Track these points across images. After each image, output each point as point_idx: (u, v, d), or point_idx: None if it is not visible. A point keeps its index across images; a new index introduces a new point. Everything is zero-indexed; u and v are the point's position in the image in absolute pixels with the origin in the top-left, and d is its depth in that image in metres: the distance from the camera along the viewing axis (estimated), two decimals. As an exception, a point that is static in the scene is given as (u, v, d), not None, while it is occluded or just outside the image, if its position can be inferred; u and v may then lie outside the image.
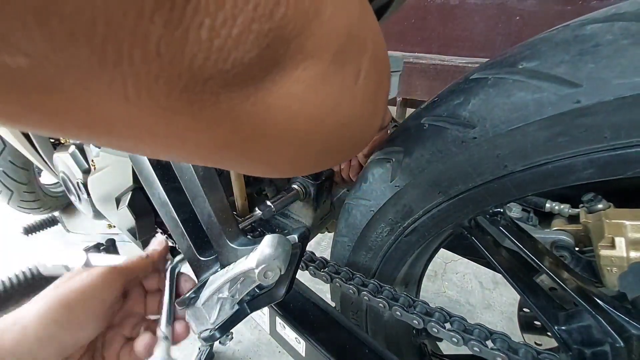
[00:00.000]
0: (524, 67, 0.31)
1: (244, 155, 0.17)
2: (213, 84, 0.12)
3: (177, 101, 0.12)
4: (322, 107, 0.17)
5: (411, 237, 0.48)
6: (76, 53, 0.10)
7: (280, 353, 1.06)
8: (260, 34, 0.12)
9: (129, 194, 0.63)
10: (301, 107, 0.16)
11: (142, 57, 0.11)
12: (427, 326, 0.44)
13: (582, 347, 0.40)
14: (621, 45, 0.27)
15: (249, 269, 0.33)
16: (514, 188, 0.36)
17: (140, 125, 0.13)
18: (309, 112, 0.16)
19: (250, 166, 0.19)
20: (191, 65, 0.11)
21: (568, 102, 0.29)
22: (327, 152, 0.21)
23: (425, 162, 0.40)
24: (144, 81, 0.11)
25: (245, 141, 0.16)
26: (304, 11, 0.13)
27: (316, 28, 0.13)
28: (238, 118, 0.14)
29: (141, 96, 0.12)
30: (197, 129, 0.14)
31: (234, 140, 0.16)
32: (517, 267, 0.46)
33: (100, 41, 0.10)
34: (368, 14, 0.17)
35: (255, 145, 0.17)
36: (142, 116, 0.13)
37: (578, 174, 0.32)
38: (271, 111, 0.15)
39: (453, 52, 1.31)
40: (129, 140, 0.14)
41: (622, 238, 0.42)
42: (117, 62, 0.10)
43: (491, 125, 0.33)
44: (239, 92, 0.13)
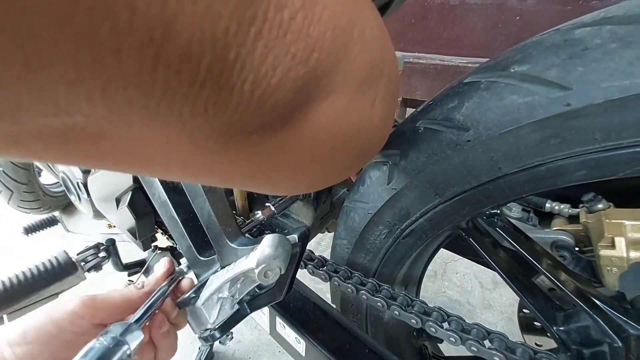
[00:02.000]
0: (516, 70, 0.32)
1: (268, 180, 0.18)
2: (249, 127, 0.13)
3: (214, 143, 0.13)
4: (343, 133, 0.18)
5: (409, 239, 0.48)
6: (132, 114, 0.11)
7: (280, 353, 1.06)
8: (296, 79, 0.12)
9: (129, 194, 0.63)
10: (325, 136, 0.16)
11: (190, 114, 0.11)
12: (425, 326, 0.44)
13: (581, 348, 0.40)
14: (609, 49, 0.27)
15: (249, 268, 0.33)
16: (508, 189, 0.37)
17: (175, 161, 0.14)
18: (332, 139, 0.17)
19: (272, 188, 0.20)
20: (232, 116, 0.12)
21: (559, 104, 0.29)
22: (344, 169, 0.22)
23: (421, 164, 0.40)
24: (187, 130, 0.12)
25: (272, 169, 0.17)
26: (335, 52, 0.13)
27: (344, 66, 0.14)
28: (267, 151, 0.15)
29: (182, 141, 0.13)
30: (227, 162, 0.15)
31: (261, 168, 0.16)
32: (515, 268, 0.46)
33: (156, 104, 0.10)
34: (387, 40, 0.18)
35: (280, 172, 0.18)
36: (179, 155, 0.13)
37: (570, 175, 0.32)
38: (297, 142, 0.16)
39: (453, 52, 1.31)
40: (161, 172, 0.15)
41: (622, 238, 0.42)
42: (167, 119, 0.11)
43: (484, 128, 0.34)
44: (271, 130, 0.14)
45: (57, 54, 0.08)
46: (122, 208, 0.64)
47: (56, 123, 0.10)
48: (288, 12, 0.11)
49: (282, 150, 0.16)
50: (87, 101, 0.10)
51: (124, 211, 0.63)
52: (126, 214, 0.64)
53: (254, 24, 0.10)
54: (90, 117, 0.10)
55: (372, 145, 0.23)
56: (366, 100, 0.17)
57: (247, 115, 0.12)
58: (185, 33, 0.09)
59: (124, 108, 0.10)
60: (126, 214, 0.64)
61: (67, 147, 0.11)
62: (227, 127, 0.12)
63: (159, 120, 0.11)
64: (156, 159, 0.14)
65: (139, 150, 0.13)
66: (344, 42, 0.13)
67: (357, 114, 0.17)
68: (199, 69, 0.10)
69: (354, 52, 0.14)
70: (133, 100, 0.10)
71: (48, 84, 0.09)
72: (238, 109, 0.12)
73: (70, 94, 0.09)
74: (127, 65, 0.09)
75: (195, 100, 0.11)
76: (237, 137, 0.13)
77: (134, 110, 0.10)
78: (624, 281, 0.41)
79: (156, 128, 0.12)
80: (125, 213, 0.64)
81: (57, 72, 0.09)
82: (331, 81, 0.14)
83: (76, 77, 0.09)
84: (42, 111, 0.10)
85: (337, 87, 0.15)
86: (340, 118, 0.16)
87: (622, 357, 0.36)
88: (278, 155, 0.16)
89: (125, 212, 0.64)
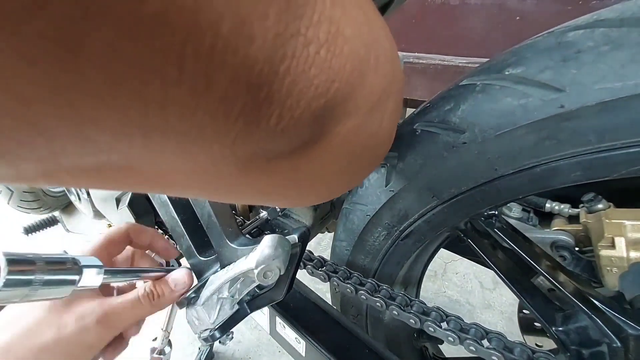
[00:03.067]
0: (510, 73, 0.32)
1: (280, 196, 0.19)
2: (270, 154, 0.14)
3: (235, 169, 0.14)
4: (353, 151, 0.18)
5: (408, 241, 0.48)
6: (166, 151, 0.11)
7: (280, 353, 1.07)
8: (316, 109, 0.13)
9: (129, 194, 0.63)
10: (336, 154, 0.17)
11: (219, 147, 0.12)
12: (424, 326, 0.44)
13: (580, 348, 0.40)
14: (602, 51, 0.27)
15: (248, 269, 0.33)
16: (505, 191, 0.37)
17: (196, 184, 0.15)
18: (342, 157, 0.18)
19: (283, 203, 0.22)
20: (257, 146, 0.13)
21: (553, 106, 0.30)
22: (351, 181, 0.23)
23: (418, 166, 0.41)
24: (213, 160, 0.13)
25: (284, 187, 0.18)
26: (352, 81, 0.14)
27: (359, 91, 0.15)
28: (282, 171, 0.16)
29: (206, 169, 0.13)
30: (245, 183, 0.16)
31: (275, 187, 0.17)
32: (514, 269, 0.46)
33: (191, 142, 0.11)
34: (396, 60, 0.19)
35: (292, 189, 0.18)
36: (200, 179, 0.14)
37: (566, 176, 0.33)
38: (310, 162, 0.16)
39: (453, 52, 1.31)
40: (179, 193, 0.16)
41: (622, 238, 0.42)
42: (197, 154, 0.12)
43: (480, 130, 0.34)
44: (288, 154, 0.15)
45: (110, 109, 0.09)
46: (122, 208, 0.64)
47: (91, 160, 0.11)
48: (314, 47, 0.11)
49: (296, 170, 0.16)
50: (129, 144, 0.10)
51: (124, 211, 0.64)
52: (126, 214, 0.64)
53: (284, 63, 0.11)
54: (126, 155, 0.11)
55: (378, 157, 0.24)
56: (376, 119, 0.18)
57: (270, 144, 0.13)
58: (226, 80, 0.10)
59: (161, 146, 0.11)
60: (126, 214, 0.64)
61: (95, 176, 0.12)
62: (250, 155, 0.13)
63: (189, 155, 0.12)
64: (177, 183, 0.15)
65: (162, 176, 0.14)
66: (361, 71, 0.14)
67: (367, 132, 0.18)
68: (233, 109, 0.11)
69: (369, 78, 0.15)
70: (170, 139, 0.11)
71: (96, 133, 0.09)
72: (263, 140, 0.13)
73: (115, 140, 0.10)
74: (171, 112, 0.10)
75: (226, 135, 0.11)
76: (257, 163, 0.14)
77: (169, 147, 0.11)
78: (623, 281, 0.41)
79: (185, 160, 0.12)
80: (125, 213, 0.64)
81: (106, 123, 0.09)
82: (347, 106, 0.15)
83: (122, 126, 0.10)
84: (83, 153, 0.10)
85: (351, 111, 0.15)
86: (351, 138, 0.17)
87: (621, 357, 0.36)
88: (292, 174, 0.17)
89: (125, 212, 0.64)
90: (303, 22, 0.10)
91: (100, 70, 0.08)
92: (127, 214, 0.63)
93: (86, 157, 0.10)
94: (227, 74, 0.09)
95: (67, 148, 0.10)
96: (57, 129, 0.09)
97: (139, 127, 0.10)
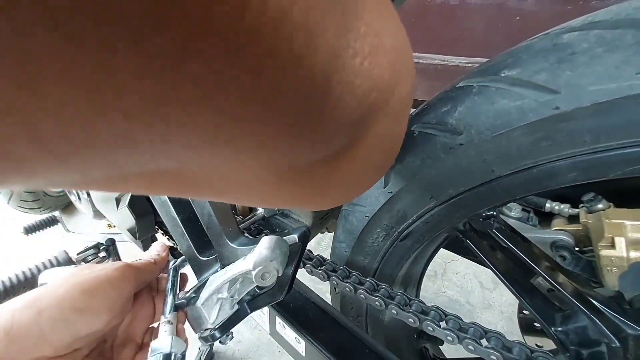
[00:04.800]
0: (506, 75, 0.32)
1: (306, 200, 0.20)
2: (311, 159, 0.14)
3: (275, 175, 0.14)
4: (377, 157, 0.19)
5: (406, 242, 0.48)
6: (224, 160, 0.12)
7: (280, 353, 1.07)
8: (355, 122, 0.14)
9: (129, 194, 0.63)
10: (362, 161, 0.18)
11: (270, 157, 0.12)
12: (423, 325, 0.44)
13: (580, 348, 0.40)
14: (596, 53, 0.27)
15: (246, 270, 0.33)
16: (502, 192, 0.37)
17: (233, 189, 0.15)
18: (367, 162, 0.19)
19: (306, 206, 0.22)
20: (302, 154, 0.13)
21: (548, 108, 0.30)
22: (370, 183, 0.24)
23: (416, 168, 0.41)
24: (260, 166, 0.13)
25: (314, 190, 0.18)
26: (386, 91, 0.14)
27: (390, 101, 0.16)
28: (316, 176, 0.17)
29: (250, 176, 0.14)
30: (278, 188, 0.16)
31: (305, 192, 0.18)
32: (513, 269, 0.46)
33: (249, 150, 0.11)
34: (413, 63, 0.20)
35: (318, 195, 0.19)
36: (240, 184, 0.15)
37: (562, 177, 0.33)
38: (340, 169, 0.17)
39: (453, 52, 1.31)
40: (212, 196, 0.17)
41: (622, 238, 0.42)
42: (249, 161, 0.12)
43: (477, 131, 0.34)
44: (326, 161, 0.16)
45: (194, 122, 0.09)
46: (122, 208, 0.64)
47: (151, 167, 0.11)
48: (359, 58, 0.12)
49: (330, 174, 0.17)
50: (197, 154, 0.11)
51: (124, 211, 0.64)
52: (126, 214, 0.64)
53: (337, 74, 0.11)
54: (181, 163, 0.11)
55: (393, 159, 0.25)
56: (397, 126, 0.19)
57: (314, 152, 0.14)
58: (292, 92, 0.10)
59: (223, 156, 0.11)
60: (126, 214, 0.64)
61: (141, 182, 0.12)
62: (293, 162, 0.14)
63: (242, 162, 0.12)
64: (213, 188, 0.15)
65: (203, 183, 0.14)
66: (396, 81, 0.15)
67: (388, 138, 0.19)
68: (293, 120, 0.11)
69: (399, 88, 0.16)
70: (233, 149, 0.11)
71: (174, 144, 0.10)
72: (310, 148, 0.13)
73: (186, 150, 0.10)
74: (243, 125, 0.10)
75: (281, 144, 0.12)
76: (297, 168, 0.15)
77: (229, 157, 0.12)
78: (623, 281, 0.41)
79: (234, 167, 0.13)
80: (125, 213, 0.64)
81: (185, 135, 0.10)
82: (378, 115, 0.15)
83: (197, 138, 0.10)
84: (139, 161, 0.10)
85: (380, 119, 0.16)
86: (377, 144, 0.18)
87: (620, 357, 0.36)
88: (326, 178, 0.17)
89: (125, 212, 0.64)
90: (352, 35, 0.11)
91: (196, 86, 0.08)
92: (127, 214, 0.63)
93: (149, 164, 0.11)
94: (294, 85, 0.10)
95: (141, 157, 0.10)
96: (142, 140, 0.09)
97: (210, 139, 0.10)
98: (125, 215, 0.64)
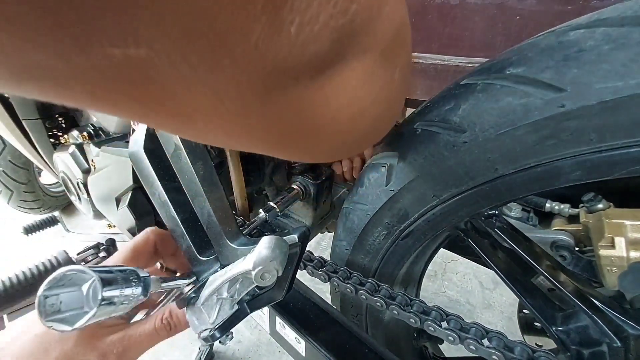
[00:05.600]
0: (511, 72, 0.32)
1: (294, 143, 0.19)
2: (289, 75, 0.13)
3: (256, 95, 0.13)
4: (366, 99, 0.18)
5: (408, 240, 0.48)
6: (190, 49, 0.11)
7: (280, 353, 1.07)
8: (334, 29, 0.13)
9: (129, 194, 0.63)
10: (350, 98, 0.17)
11: (242, 52, 0.12)
12: (424, 325, 0.44)
13: (580, 348, 0.40)
14: (603, 51, 0.27)
15: (246, 270, 0.33)
16: (505, 191, 0.37)
17: (218, 119, 0.14)
18: (355, 103, 0.18)
19: (294, 153, 0.21)
20: (276, 59, 0.12)
21: (553, 106, 0.29)
22: (362, 139, 0.22)
23: (418, 166, 0.41)
24: (236, 75, 0.12)
25: (297, 132, 0.17)
26: (370, 7, 0.14)
27: (375, 25, 0.15)
28: (300, 108, 0.16)
29: (229, 91, 0.13)
30: (266, 119, 0.15)
31: (291, 129, 0.17)
32: (514, 269, 0.46)
33: (218, 39, 0.11)
34: (405, 9, 0.19)
35: (304, 136, 0.18)
36: (223, 110, 0.14)
37: (567, 176, 0.33)
38: (326, 102, 0.16)
39: (453, 52, 1.31)
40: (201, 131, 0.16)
41: (622, 238, 0.42)
42: (222, 58, 0.12)
43: (481, 129, 0.34)
44: (306, 84, 0.14)
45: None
46: (122, 208, 0.64)
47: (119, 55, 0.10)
48: None
49: (312, 110, 0.16)
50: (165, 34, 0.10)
51: (124, 211, 0.64)
52: (126, 214, 0.64)
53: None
54: (153, 50, 0.11)
55: (387, 119, 0.23)
56: (389, 67, 0.18)
57: (289, 61, 0.13)
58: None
59: (184, 40, 0.11)
60: (126, 214, 0.64)
61: (125, 87, 0.12)
62: (268, 73, 0.13)
63: (214, 63, 0.12)
64: (201, 116, 0.14)
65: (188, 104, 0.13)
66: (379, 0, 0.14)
67: (380, 80, 0.18)
68: (256, 6, 0.11)
69: (385, 11, 0.15)
70: (194, 30, 0.10)
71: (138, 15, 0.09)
72: (282, 52, 0.12)
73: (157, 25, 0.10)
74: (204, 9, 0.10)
75: (249, 34, 0.11)
76: (277, 89, 0.14)
77: (194, 45, 0.11)
78: (623, 281, 0.41)
79: (210, 72, 0.12)
80: (125, 213, 0.64)
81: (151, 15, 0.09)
82: (362, 39, 0.15)
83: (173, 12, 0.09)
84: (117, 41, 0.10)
85: (367, 46, 0.15)
86: (365, 81, 0.17)
87: (621, 357, 0.36)
88: (304, 115, 0.16)
89: (125, 212, 0.64)
90: None
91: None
92: (127, 214, 0.63)
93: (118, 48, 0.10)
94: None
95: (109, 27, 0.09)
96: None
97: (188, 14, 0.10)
98: (125, 215, 0.64)
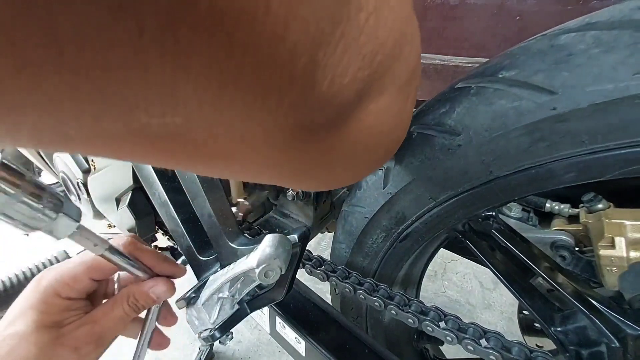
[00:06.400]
0: (504, 76, 0.32)
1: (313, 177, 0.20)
2: (315, 125, 0.14)
3: (284, 142, 0.14)
4: (381, 131, 0.19)
5: (406, 242, 0.48)
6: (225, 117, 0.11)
7: (280, 353, 1.07)
8: (361, 80, 0.13)
9: (129, 194, 0.63)
10: (367, 133, 0.18)
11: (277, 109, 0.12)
12: (422, 325, 0.44)
13: (579, 348, 0.40)
14: (593, 54, 0.28)
15: (250, 268, 0.33)
16: (500, 192, 0.37)
17: (244, 161, 0.15)
18: (372, 136, 0.18)
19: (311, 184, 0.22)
20: (308, 112, 0.13)
21: (545, 109, 0.30)
22: (374, 163, 0.24)
23: (415, 169, 0.41)
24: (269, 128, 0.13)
25: (318, 166, 0.18)
26: (392, 55, 0.14)
27: (395, 67, 0.15)
28: (321, 148, 0.16)
29: (257, 140, 0.13)
30: (289, 161, 0.16)
31: (311, 165, 0.18)
32: (513, 270, 0.46)
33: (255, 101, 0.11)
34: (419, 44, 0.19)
35: (324, 169, 0.19)
36: (252, 154, 0.14)
37: (560, 178, 0.33)
38: (345, 140, 0.17)
39: (453, 52, 1.31)
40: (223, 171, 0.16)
41: (622, 238, 0.42)
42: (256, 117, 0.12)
43: (475, 132, 0.35)
44: (329, 129, 0.15)
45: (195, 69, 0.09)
46: (122, 208, 0.64)
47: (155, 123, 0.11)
48: (364, 14, 0.11)
49: (331, 149, 0.17)
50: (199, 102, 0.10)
51: (124, 211, 0.64)
52: (126, 214, 0.64)
53: (341, 25, 0.11)
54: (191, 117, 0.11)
55: (398, 141, 0.24)
56: (403, 99, 0.19)
57: (318, 113, 0.13)
58: (294, 35, 0.10)
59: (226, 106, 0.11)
60: (126, 214, 0.64)
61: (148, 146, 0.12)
62: (299, 124, 0.13)
63: (250, 114, 0.12)
64: (221, 155, 0.14)
65: (212, 148, 0.13)
66: (400, 45, 0.14)
67: (395, 112, 0.18)
68: (296, 67, 0.11)
69: (405, 54, 0.15)
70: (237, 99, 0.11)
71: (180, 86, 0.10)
72: (314, 107, 0.13)
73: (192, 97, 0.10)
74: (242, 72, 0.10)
75: (285, 96, 0.12)
76: (302, 135, 0.14)
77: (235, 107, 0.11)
78: (623, 281, 0.41)
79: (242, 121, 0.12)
80: (125, 213, 0.64)
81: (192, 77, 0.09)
82: (384, 82, 0.15)
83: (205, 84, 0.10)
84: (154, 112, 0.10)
85: (386, 87, 0.16)
86: (383, 116, 0.17)
87: (619, 357, 0.36)
88: (327, 153, 0.17)
89: (125, 212, 0.64)
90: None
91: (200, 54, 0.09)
92: (127, 214, 0.64)
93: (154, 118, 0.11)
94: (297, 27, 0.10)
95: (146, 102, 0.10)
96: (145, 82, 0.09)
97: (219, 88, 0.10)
98: (125, 215, 0.64)
